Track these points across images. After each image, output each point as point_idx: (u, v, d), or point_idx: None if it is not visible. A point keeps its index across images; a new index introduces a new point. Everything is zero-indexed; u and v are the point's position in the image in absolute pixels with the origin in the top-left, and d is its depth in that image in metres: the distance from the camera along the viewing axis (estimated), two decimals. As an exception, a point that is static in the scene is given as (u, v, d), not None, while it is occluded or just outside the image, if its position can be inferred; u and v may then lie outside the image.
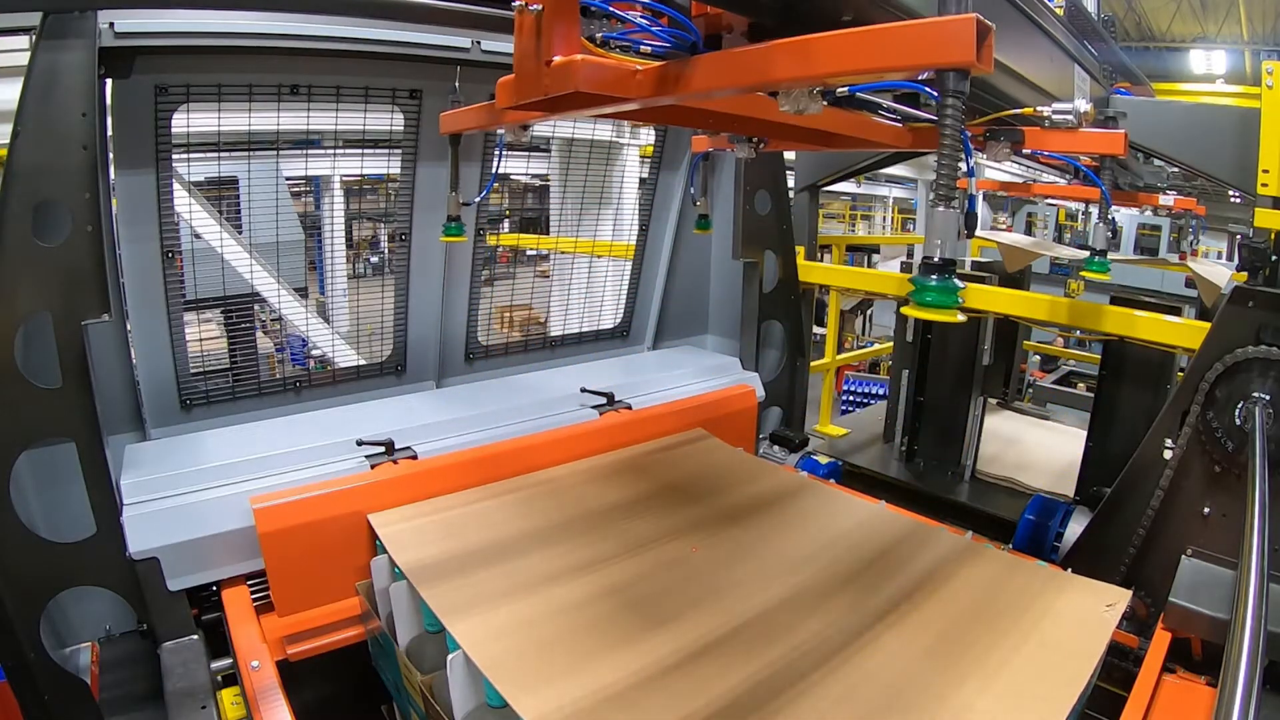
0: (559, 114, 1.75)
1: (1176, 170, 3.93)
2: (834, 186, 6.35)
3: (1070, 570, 2.27)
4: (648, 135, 4.09)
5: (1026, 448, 4.39)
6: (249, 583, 2.36)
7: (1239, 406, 2.22)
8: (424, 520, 2.43)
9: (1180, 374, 2.72)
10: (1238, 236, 10.70)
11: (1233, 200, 5.99)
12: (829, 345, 5.03)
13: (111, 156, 2.39)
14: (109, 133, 2.34)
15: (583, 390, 3.22)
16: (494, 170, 2.92)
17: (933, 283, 1.10)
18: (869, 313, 16.23)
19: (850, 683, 1.74)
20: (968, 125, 1.80)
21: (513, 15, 1.32)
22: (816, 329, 5.44)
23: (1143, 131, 2.66)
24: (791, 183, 4.15)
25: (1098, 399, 3.55)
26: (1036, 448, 4.39)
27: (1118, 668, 2.20)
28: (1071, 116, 1.73)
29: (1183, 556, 2.29)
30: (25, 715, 2.00)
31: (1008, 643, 1.89)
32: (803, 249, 4.13)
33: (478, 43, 2.72)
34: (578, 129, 4.19)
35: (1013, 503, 3.40)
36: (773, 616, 2.01)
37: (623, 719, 1.61)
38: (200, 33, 2.33)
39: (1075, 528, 2.75)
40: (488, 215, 3.38)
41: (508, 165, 7.39)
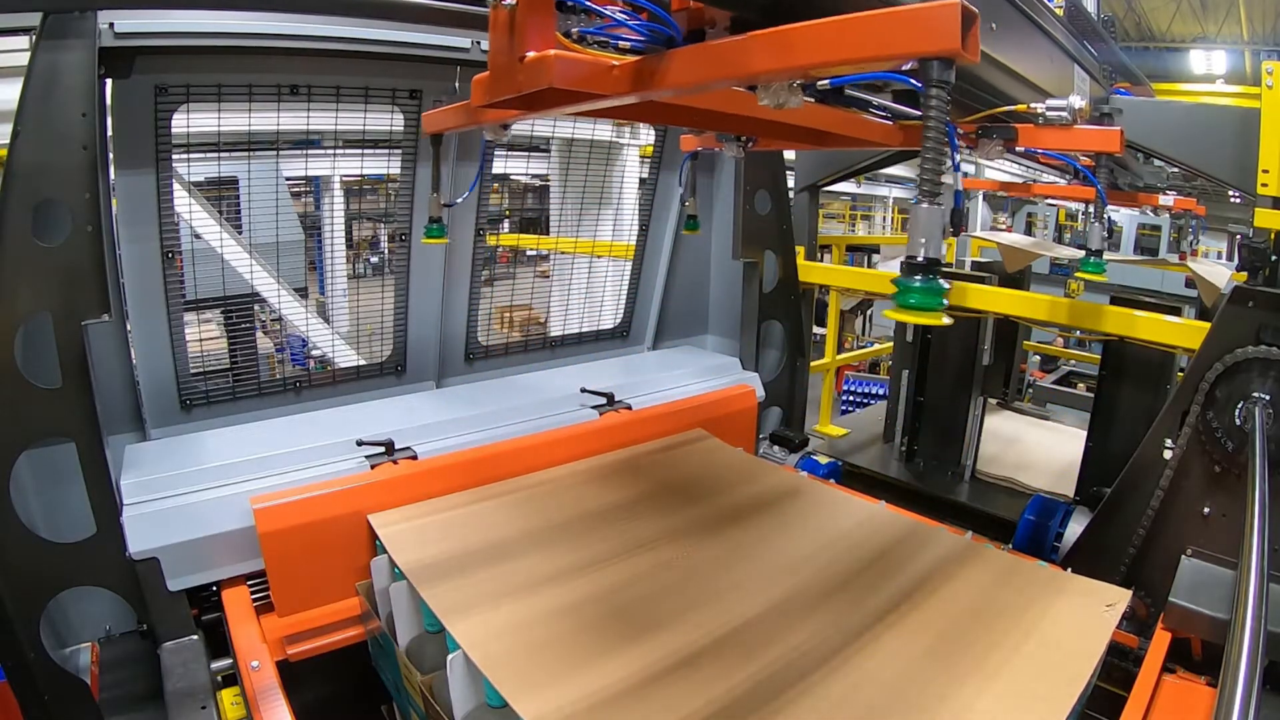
0: (537, 112, 1.72)
1: (1176, 170, 3.92)
2: (834, 186, 6.34)
3: (1070, 570, 2.27)
4: (648, 135, 4.09)
5: (1026, 448, 4.38)
6: (249, 583, 2.36)
7: (1239, 406, 2.22)
8: (424, 520, 2.43)
9: (1180, 374, 2.72)
10: (1238, 236, 10.70)
11: (1233, 200, 5.99)
12: (829, 345, 5.03)
13: (111, 156, 2.38)
14: (109, 133, 2.33)
15: (583, 390, 3.22)
16: (478, 171, 2.93)
17: (916, 284, 1.03)
18: (869, 313, 16.25)
19: (850, 683, 1.74)
20: (960, 122, 1.79)
21: (511, 16, 1.31)
22: (816, 329, 5.43)
23: (1142, 131, 2.66)
24: (791, 183, 4.15)
25: (1097, 399, 3.54)
26: (1036, 448, 4.39)
27: (1118, 668, 2.20)
28: (1066, 113, 1.68)
29: (1183, 556, 2.29)
30: (25, 715, 2.00)
31: (1008, 643, 1.89)
32: (803, 249, 4.13)
33: (478, 43, 2.72)
34: (577, 129, 4.19)
35: (1013, 503, 3.39)
36: (773, 617, 2.01)
37: (623, 719, 1.61)
38: (200, 33, 2.33)
39: (1075, 528, 2.75)
40: (488, 215, 3.38)
41: (508, 166, 7.40)
